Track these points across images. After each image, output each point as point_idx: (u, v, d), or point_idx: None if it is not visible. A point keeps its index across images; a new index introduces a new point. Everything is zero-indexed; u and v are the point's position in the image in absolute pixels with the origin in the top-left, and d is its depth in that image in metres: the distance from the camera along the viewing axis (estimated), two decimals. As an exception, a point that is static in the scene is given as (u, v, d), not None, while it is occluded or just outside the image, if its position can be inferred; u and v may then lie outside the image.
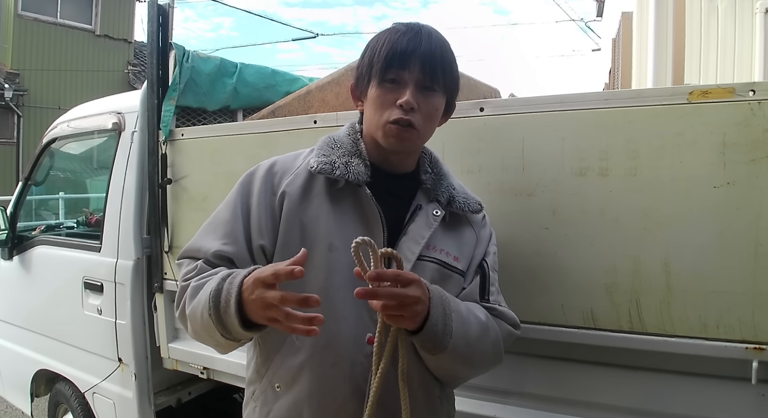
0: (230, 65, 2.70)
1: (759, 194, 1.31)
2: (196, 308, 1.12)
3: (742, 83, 1.35)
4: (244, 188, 1.26)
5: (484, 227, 1.40)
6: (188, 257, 1.26)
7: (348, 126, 1.33)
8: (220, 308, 1.05)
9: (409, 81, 1.19)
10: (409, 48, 1.18)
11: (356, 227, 1.20)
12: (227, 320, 1.05)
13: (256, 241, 1.21)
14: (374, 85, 1.21)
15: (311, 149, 1.30)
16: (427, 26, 1.25)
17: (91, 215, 3.61)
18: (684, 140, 1.38)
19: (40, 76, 13.27)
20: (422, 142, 1.30)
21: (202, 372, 2.42)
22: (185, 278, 1.20)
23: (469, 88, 2.40)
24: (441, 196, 1.31)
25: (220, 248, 1.20)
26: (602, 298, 1.47)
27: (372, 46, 1.24)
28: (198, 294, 1.13)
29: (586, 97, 1.51)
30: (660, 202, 1.40)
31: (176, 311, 1.22)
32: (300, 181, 1.23)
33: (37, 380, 3.19)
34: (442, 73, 1.22)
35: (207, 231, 1.26)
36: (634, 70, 6.26)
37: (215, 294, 1.06)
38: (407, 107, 1.18)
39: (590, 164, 1.47)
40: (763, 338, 1.32)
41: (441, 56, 1.22)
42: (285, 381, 1.20)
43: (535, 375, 1.62)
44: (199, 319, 1.11)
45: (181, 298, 1.19)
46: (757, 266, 1.32)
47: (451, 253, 1.29)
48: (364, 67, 1.25)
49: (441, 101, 1.25)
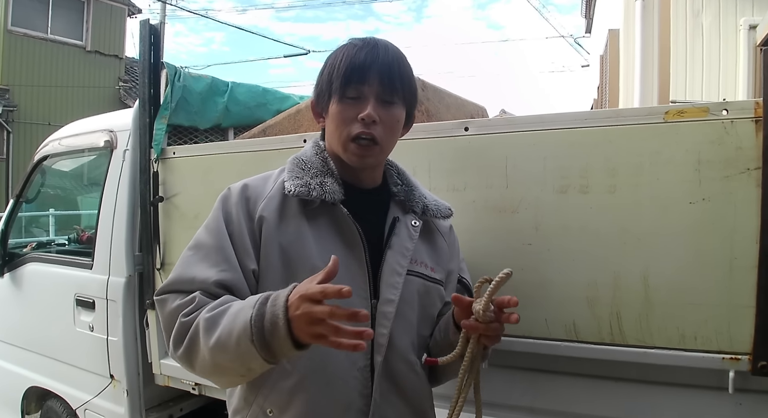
0: (221, 84, 2.75)
1: (733, 210, 1.36)
2: (224, 339, 1.05)
3: (716, 103, 1.41)
4: (223, 214, 1.23)
5: (451, 233, 1.44)
6: (176, 290, 1.17)
7: (312, 144, 1.33)
8: (265, 332, 1.01)
9: (369, 95, 1.21)
10: (367, 62, 1.20)
11: (336, 245, 1.21)
12: (275, 342, 1.01)
13: (247, 266, 1.19)
14: (335, 101, 1.23)
15: (280, 170, 1.30)
16: (383, 40, 1.27)
17: (83, 232, 3.61)
18: (661, 158, 1.43)
19: (30, 92, 13.22)
20: (385, 156, 1.32)
21: (193, 388, 2.44)
22: (184, 312, 1.11)
23: (457, 107, 2.45)
24: (416, 206, 1.34)
25: (220, 276, 1.15)
26: (584, 311, 1.51)
27: (330, 62, 1.25)
28: (218, 326, 1.06)
29: (567, 116, 1.56)
30: (638, 218, 1.45)
31: (176, 349, 1.12)
32: (275, 204, 1.22)
33: (28, 398, 3.20)
34: (401, 86, 1.24)
35: (193, 261, 1.19)
36: (621, 87, 6.37)
37: (257, 319, 1.01)
38: (369, 121, 1.20)
39: (571, 182, 1.52)
40: (739, 348, 1.37)
41: (399, 69, 1.24)
42: (278, 405, 1.18)
43: (521, 387, 1.66)
44: (232, 349, 1.04)
45: (185, 334, 1.10)
46: (732, 279, 1.37)
47: (429, 264, 1.32)
48: (323, 83, 1.26)
49: (401, 113, 1.27)
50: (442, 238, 1.40)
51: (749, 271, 1.35)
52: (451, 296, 1.21)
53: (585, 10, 13.01)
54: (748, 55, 4.83)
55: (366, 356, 1.21)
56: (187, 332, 1.10)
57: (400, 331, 1.25)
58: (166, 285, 1.19)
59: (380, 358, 1.21)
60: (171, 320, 1.14)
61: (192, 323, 1.09)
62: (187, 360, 1.12)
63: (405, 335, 1.27)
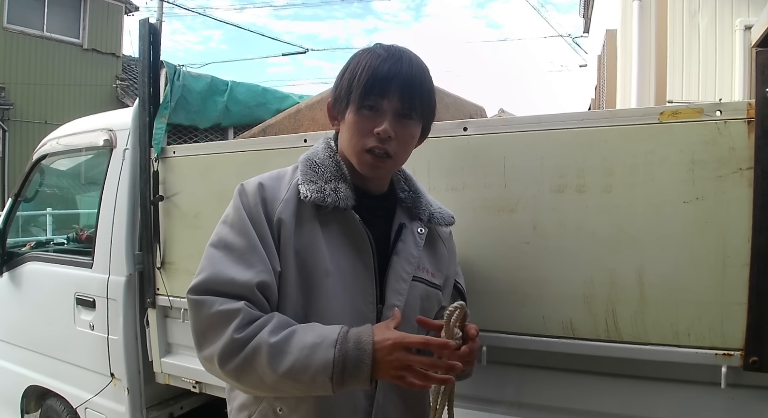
0: (221, 83, 2.76)
1: (726, 209, 1.39)
2: (298, 372, 1.06)
3: (710, 104, 1.43)
4: (246, 213, 1.20)
5: (451, 239, 1.47)
6: (215, 292, 1.12)
7: (324, 146, 1.31)
8: (346, 373, 1.05)
9: (387, 110, 1.19)
10: (390, 75, 1.18)
11: (346, 251, 1.23)
12: (353, 382, 1.06)
13: (275, 267, 1.18)
14: (352, 110, 1.21)
15: (293, 169, 1.30)
16: (408, 51, 1.24)
17: (82, 231, 3.62)
18: (656, 158, 1.46)
19: (26, 90, 13.18)
20: (397, 168, 1.33)
21: (194, 386, 2.46)
22: (235, 327, 1.08)
23: (456, 106, 2.48)
24: (422, 214, 1.35)
25: (260, 278, 1.14)
26: (580, 308, 1.54)
27: (352, 68, 1.23)
28: (288, 355, 1.07)
29: (564, 117, 1.58)
30: (634, 216, 1.48)
31: (225, 365, 1.09)
32: (291, 208, 1.21)
33: (28, 397, 3.20)
34: (420, 102, 1.23)
35: (228, 262, 1.15)
36: (618, 87, 6.39)
37: (340, 359, 1.05)
38: (384, 136, 1.18)
39: (568, 181, 1.55)
40: (731, 344, 1.40)
41: (420, 84, 1.22)
42: (288, 404, 1.20)
43: (518, 383, 1.69)
44: (305, 382, 1.07)
45: (237, 353, 1.08)
46: (725, 276, 1.39)
47: (430, 270, 1.34)
48: (343, 89, 1.23)
49: (417, 129, 1.26)
50: (443, 244, 1.42)
51: (741, 269, 1.37)
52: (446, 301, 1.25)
53: (583, 10, 13.04)
54: (743, 56, 4.88)
55: None
56: (241, 351, 1.08)
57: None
58: (200, 284, 1.14)
59: None
60: (214, 325, 1.11)
61: (248, 342, 1.08)
62: (235, 376, 1.11)
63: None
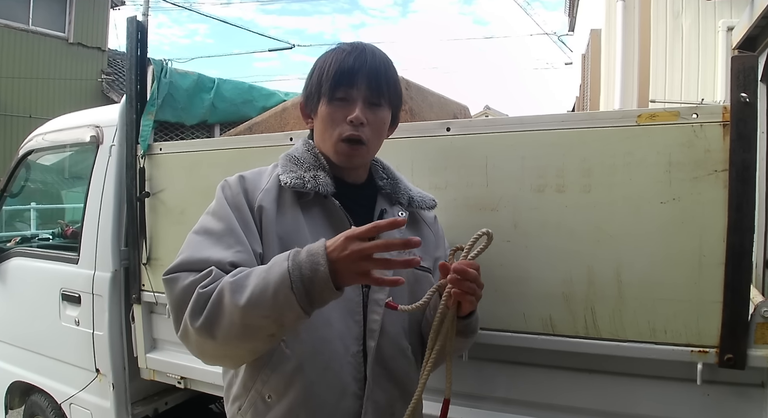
0: (208, 80, 2.77)
1: (701, 209, 1.43)
2: (258, 294, 1.04)
3: (686, 107, 1.47)
4: (227, 202, 1.25)
5: (436, 223, 1.51)
6: (189, 269, 1.14)
7: (303, 142, 1.38)
8: (305, 278, 1.02)
9: (357, 98, 1.27)
10: (356, 66, 1.27)
11: (328, 236, 1.21)
12: (316, 286, 1.02)
13: (256, 250, 1.21)
14: (324, 102, 1.29)
15: (273, 165, 1.36)
16: (370, 45, 1.33)
17: (67, 227, 3.61)
18: (633, 159, 1.49)
19: (10, 84, 12.99)
20: (371, 156, 1.38)
21: (179, 382, 2.47)
22: (202, 284, 1.10)
23: (440, 106, 2.50)
24: (402, 198, 1.41)
25: (235, 257, 1.16)
26: (560, 306, 1.57)
27: (319, 66, 1.32)
28: (248, 286, 1.06)
29: (545, 118, 1.61)
30: (612, 216, 1.51)
31: (194, 320, 1.09)
32: (272, 196, 1.27)
33: (12, 392, 3.20)
34: (387, 89, 1.31)
35: (205, 244, 1.18)
36: (602, 86, 6.46)
37: (295, 267, 1.03)
38: (357, 122, 1.26)
39: (548, 181, 1.58)
40: (706, 342, 1.44)
41: (385, 73, 1.31)
42: (277, 390, 1.22)
43: (500, 379, 1.72)
44: (268, 303, 1.04)
45: (204, 303, 1.08)
46: (701, 275, 1.43)
47: (416, 254, 1.35)
48: (313, 86, 1.32)
49: (387, 115, 1.34)
50: (428, 228, 1.47)
51: (716, 268, 1.41)
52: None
53: (569, 9, 13.12)
54: (726, 57, 4.94)
55: (359, 342, 1.26)
56: (208, 300, 1.08)
57: (391, 317, 1.30)
58: (176, 266, 1.16)
59: (373, 343, 1.26)
60: (186, 293, 1.11)
61: (213, 291, 1.08)
62: (207, 329, 1.08)
63: (396, 322, 1.32)
